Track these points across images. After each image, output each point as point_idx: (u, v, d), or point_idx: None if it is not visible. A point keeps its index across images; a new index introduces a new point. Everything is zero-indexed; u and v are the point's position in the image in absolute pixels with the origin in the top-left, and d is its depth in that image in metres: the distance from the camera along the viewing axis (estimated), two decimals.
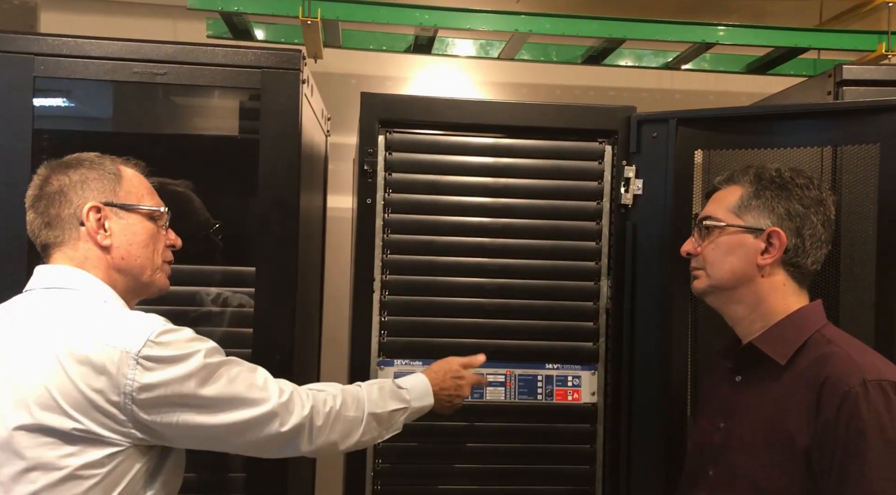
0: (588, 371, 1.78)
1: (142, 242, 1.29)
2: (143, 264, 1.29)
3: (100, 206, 1.24)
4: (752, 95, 2.35)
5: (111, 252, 1.25)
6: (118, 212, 1.27)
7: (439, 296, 1.75)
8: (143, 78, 1.57)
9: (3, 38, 1.52)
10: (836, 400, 1.19)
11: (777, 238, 1.32)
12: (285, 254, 1.60)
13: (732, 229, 1.36)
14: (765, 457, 1.27)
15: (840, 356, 1.23)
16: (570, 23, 2.27)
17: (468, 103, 1.78)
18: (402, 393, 1.48)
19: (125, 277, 1.27)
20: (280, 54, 1.60)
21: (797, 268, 1.35)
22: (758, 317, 1.35)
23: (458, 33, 2.47)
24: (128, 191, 1.29)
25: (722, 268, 1.37)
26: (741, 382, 1.38)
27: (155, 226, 1.32)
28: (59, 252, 1.24)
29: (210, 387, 1.17)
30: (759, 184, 1.36)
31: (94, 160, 1.29)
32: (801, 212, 1.33)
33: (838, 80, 1.72)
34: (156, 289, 1.34)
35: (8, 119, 1.52)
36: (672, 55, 2.58)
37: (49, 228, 1.24)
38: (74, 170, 1.26)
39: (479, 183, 1.77)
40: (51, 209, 1.24)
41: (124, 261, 1.27)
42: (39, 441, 1.08)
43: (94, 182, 1.26)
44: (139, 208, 1.29)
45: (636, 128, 1.74)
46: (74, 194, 1.24)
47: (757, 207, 1.35)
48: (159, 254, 1.33)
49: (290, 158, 1.60)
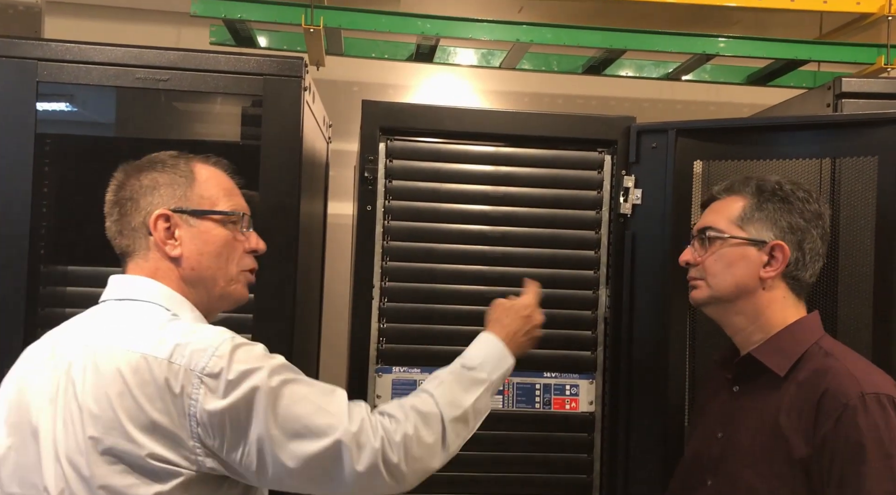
0: (586, 380, 1.79)
1: (214, 251, 1.19)
2: (215, 275, 1.19)
3: (168, 214, 1.16)
4: (752, 107, 2.36)
5: (181, 263, 1.16)
6: (188, 218, 1.17)
7: (438, 304, 1.75)
8: (145, 84, 1.57)
9: (8, 44, 1.53)
10: (835, 413, 1.19)
11: (781, 251, 1.33)
12: (286, 260, 1.60)
13: (735, 241, 1.36)
14: (764, 468, 1.27)
15: (839, 369, 1.24)
16: (572, 33, 2.29)
17: (469, 112, 1.79)
18: (476, 374, 1.28)
19: (196, 290, 1.18)
20: (282, 61, 1.61)
21: (796, 281, 1.35)
22: (757, 329, 1.35)
23: (459, 42, 2.48)
24: (200, 195, 1.19)
25: (724, 279, 1.36)
26: (739, 393, 1.38)
27: (230, 233, 1.21)
28: (132, 261, 1.17)
29: (270, 410, 1.04)
30: (761, 196, 1.36)
31: (167, 161, 1.21)
32: (803, 226, 1.34)
33: (838, 92, 1.72)
34: (233, 302, 1.24)
35: (11, 124, 1.53)
36: (673, 66, 2.59)
37: (122, 236, 1.17)
38: (146, 174, 1.18)
39: (479, 191, 1.77)
40: (124, 217, 1.17)
41: (194, 271, 1.17)
42: (109, 469, 1.00)
43: (164, 187, 1.17)
44: (211, 213, 1.19)
45: (636, 139, 1.75)
46: (144, 200, 1.16)
47: (760, 220, 1.35)
48: (235, 263, 1.22)
49: (292, 165, 1.61)
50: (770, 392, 1.30)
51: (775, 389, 1.30)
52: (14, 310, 1.52)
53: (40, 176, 1.55)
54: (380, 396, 1.72)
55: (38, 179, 1.54)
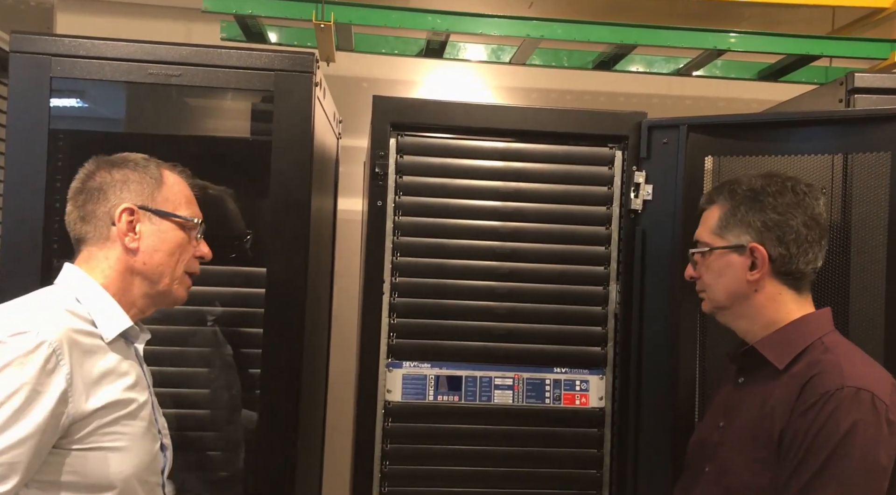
0: (596, 375, 1.79)
1: (168, 250, 1.28)
2: (163, 272, 1.29)
3: (133, 209, 1.25)
4: (763, 102, 2.35)
5: (135, 255, 1.26)
6: (151, 216, 1.27)
7: (448, 299, 1.75)
8: (157, 79, 1.58)
9: (22, 40, 1.54)
10: (811, 399, 1.22)
11: (758, 253, 1.33)
12: (296, 256, 1.61)
13: (719, 251, 1.39)
14: (749, 453, 1.29)
15: (830, 362, 1.26)
16: (582, 28, 2.28)
17: (479, 107, 1.79)
18: None
19: (141, 282, 1.27)
20: (293, 57, 1.61)
21: (790, 276, 1.35)
22: (760, 329, 1.37)
23: (469, 38, 2.48)
24: (165, 198, 1.29)
25: (717, 290, 1.40)
26: (742, 384, 1.40)
27: (186, 236, 1.31)
28: (86, 248, 1.26)
29: None
30: (733, 200, 1.38)
31: (140, 162, 1.30)
32: (777, 220, 1.34)
33: (850, 87, 1.71)
34: (171, 300, 1.33)
35: (25, 119, 1.54)
36: (683, 61, 2.58)
37: (83, 223, 1.26)
38: (118, 169, 1.27)
39: (490, 186, 1.77)
40: (88, 204, 1.25)
41: (145, 266, 1.27)
42: None
43: (134, 184, 1.27)
44: (173, 216, 1.29)
45: (647, 134, 1.75)
46: (113, 193, 1.25)
47: (735, 225, 1.37)
48: (182, 265, 1.32)
49: (303, 160, 1.61)
50: (767, 384, 1.33)
51: (773, 381, 1.32)
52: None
53: (54, 171, 1.57)
54: (390, 391, 1.73)
55: (52, 174, 1.55)
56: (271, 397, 1.58)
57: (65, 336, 1.13)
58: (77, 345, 1.15)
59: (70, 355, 1.12)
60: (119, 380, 1.21)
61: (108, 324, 1.23)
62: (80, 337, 1.17)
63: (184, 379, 1.65)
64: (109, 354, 1.21)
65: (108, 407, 1.16)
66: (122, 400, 1.19)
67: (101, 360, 1.19)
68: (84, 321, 1.20)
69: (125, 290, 1.26)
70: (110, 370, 1.20)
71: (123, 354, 1.25)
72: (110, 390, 1.18)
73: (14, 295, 1.21)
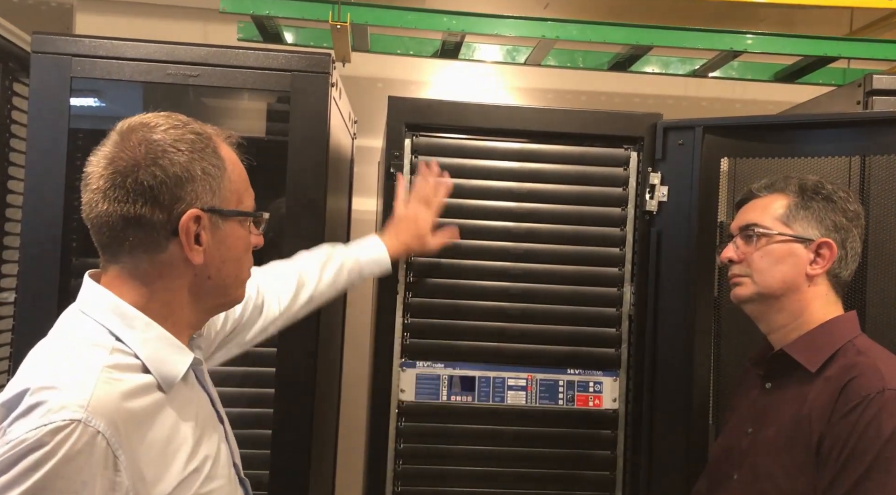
0: (610, 377, 1.78)
1: (236, 258, 1.02)
2: (231, 283, 1.03)
3: (201, 215, 0.95)
4: (779, 104, 2.34)
5: (198, 271, 0.98)
6: (217, 219, 0.98)
7: (462, 299, 1.76)
8: (176, 79, 1.60)
9: (43, 40, 1.56)
10: (853, 402, 1.20)
11: (829, 248, 1.34)
12: None
13: (782, 237, 1.37)
14: (786, 458, 1.28)
15: (867, 364, 1.24)
16: (597, 29, 2.28)
17: (494, 108, 1.79)
18: None
19: (201, 302, 1.01)
20: (310, 58, 1.62)
21: (837, 279, 1.37)
22: (797, 326, 1.36)
23: (485, 39, 2.48)
24: (230, 189, 0.99)
25: (773, 276, 1.37)
26: (771, 389, 1.38)
27: (248, 233, 1.04)
28: (126, 259, 0.96)
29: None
30: (804, 194, 1.38)
31: (195, 142, 0.96)
32: (846, 225, 1.35)
33: (868, 89, 1.70)
34: (231, 306, 1.11)
35: (46, 118, 1.56)
36: (699, 63, 2.57)
37: (124, 228, 0.94)
38: (172, 155, 0.94)
39: (504, 187, 1.77)
40: (133, 205, 0.92)
41: (211, 281, 0.99)
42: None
43: (199, 179, 0.95)
44: (240, 214, 1.01)
45: (662, 135, 1.74)
46: (169, 193, 0.93)
47: (805, 218, 1.36)
48: (248, 266, 1.07)
49: (319, 160, 1.62)
50: (800, 387, 1.31)
51: (806, 385, 1.30)
52: (47, 302, 1.55)
53: (73, 170, 1.58)
54: (403, 390, 1.73)
55: (71, 173, 1.57)
56: (286, 396, 1.59)
57: (116, 412, 0.86)
58: (133, 416, 0.89)
59: (127, 437, 0.87)
60: (188, 442, 0.96)
61: (166, 368, 0.95)
62: (133, 401, 0.90)
63: None
64: (169, 407, 0.95)
65: (182, 484, 0.94)
66: (196, 470, 0.97)
67: (164, 422, 0.94)
68: (134, 371, 0.93)
69: (179, 312, 0.99)
70: (174, 431, 0.95)
71: (185, 395, 1.00)
72: (180, 461, 0.94)
73: (34, 292, 1.19)
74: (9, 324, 1.90)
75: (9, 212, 1.82)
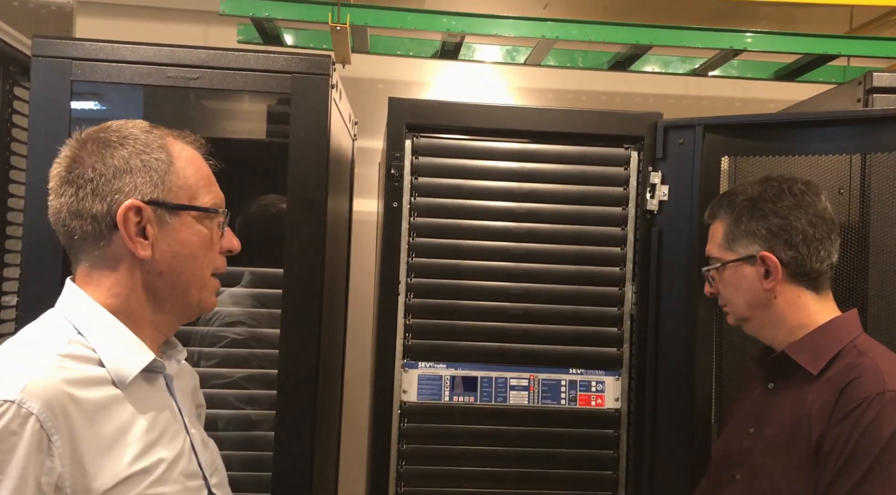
0: (612, 376, 1.78)
1: (190, 253, 1.01)
2: (188, 282, 1.02)
3: (141, 206, 0.97)
4: (780, 103, 2.33)
5: (149, 265, 0.99)
6: (164, 213, 0.99)
7: (464, 300, 1.76)
8: (177, 82, 1.60)
9: (44, 44, 1.56)
10: (853, 403, 1.20)
11: (769, 260, 1.33)
12: (313, 256, 1.62)
13: (731, 264, 1.39)
14: (785, 459, 1.28)
15: (868, 365, 1.24)
16: (597, 29, 2.28)
17: (494, 108, 1.80)
18: None
19: (159, 298, 1.02)
20: (310, 60, 1.62)
21: (806, 276, 1.35)
22: (790, 333, 1.36)
23: (484, 39, 2.48)
24: (180, 184, 1.01)
25: (737, 303, 1.40)
26: (773, 390, 1.38)
27: (208, 230, 1.04)
28: (85, 259, 1.01)
29: None
30: (733, 212, 1.39)
31: (140, 137, 1.00)
32: (781, 224, 1.34)
33: (868, 87, 1.70)
34: (198, 312, 1.08)
35: (47, 122, 1.55)
36: (699, 62, 2.57)
37: (74, 225, 0.98)
38: (114, 150, 0.98)
39: (505, 187, 1.78)
40: (79, 201, 0.97)
41: (163, 277, 1.00)
42: None
43: (138, 171, 0.98)
44: (191, 208, 1.02)
45: (663, 135, 1.74)
46: (110, 186, 0.97)
47: (741, 236, 1.37)
48: (209, 266, 1.05)
49: (320, 162, 1.62)
50: (802, 388, 1.31)
51: (807, 386, 1.30)
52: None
53: None
54: (406, 391, 1.74)
55: None
56: (288, 397, 1.59)
57: (56, 397, 0.87)
58: (78, 404, 0.89)
59: (66, 423, 0.87)
60: (139, 441, 0.96)
61: (121, 364, 0.97)
62: (82, 390, 0.91)
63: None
64: (125, 405, 0.96)
65: (126, 482, 0.92)
66: (143, 470, 0.95)
67: (115, 417, 0.94)
68: (88, 363, 0.95)
69: (140, 311, 1.01)
70: (125, 428, 0.95)
71: (145, 397, 1.00)
72: (126, 458, 0.93)
73: (35, 297, 1.20)
74: (11, 328, 1.90)
75: (10, 216, 1.82)
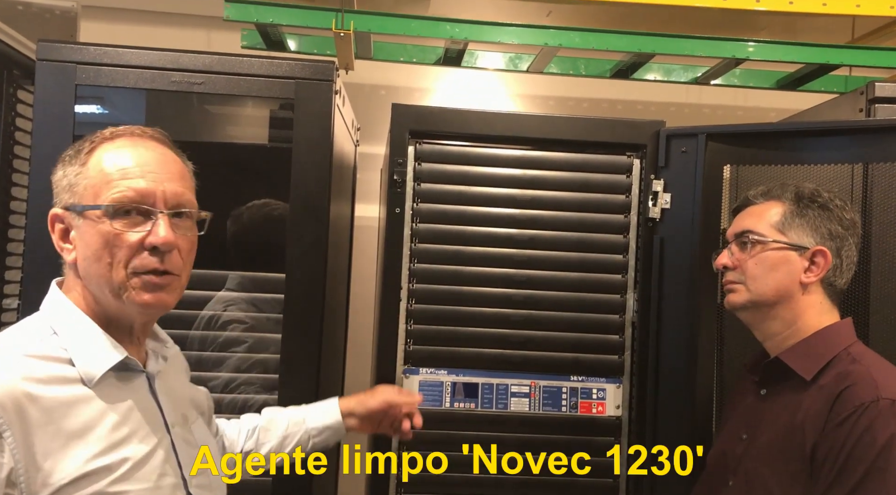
0: (613, 384, 1.78)
1: (94, 254, 0.99)
2: (101, 283, 0.99)
3: (59, 213, 1.02)
4: (782, 111, 2.34)
5: (78, 269, 1.01)
6: (74, 216, 1.01)
7: (465, 306, 1.76)
8: (180, 87, 1.60)
9: (48, 48, 1.57)
10: (848, 411, 1.20)
11: (823, 257, 1.34)
12: (315, 262, 1.62)
13: (777, 245, 1.37)
14: (779, 466, 1.28)
15: (860, 373, 1.24)
16: (600, 37, 2.28)
17: (497, 115, 1.80)
18: None
19: (97, 299, 1.02)
20: (314, 65, 1.63)
21: (832, 288, 1.37)
22: (791, 334, 1.36)
23: (487, 46, 2.49)
24: (85, 185, 1.00)
25: (767, 283, 1.37)
26: (766, 395, 1.39)
27: (108, 228, 0.98)
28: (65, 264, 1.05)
29: None
30: (800, 202, 1.38)
31: (76, 144, 1.04)
32: (841, 234, 1.35)
33: (870, 97, 1.70)
34: (136, 311, 1.02)
35: (51, 126, 1.56)
36: (701, 70, 2.58)
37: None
38: (59, 162, 1.04)
39: (507, 194, 1.78)
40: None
41: (87, 279, 1.01)
42: None
43: (62, 178, 1.03)
44: (86, 208, 0.99)
45: (665, 143, 1.74)
46: (55, 196, 1.04)
47: (800, 226, 1.36)
48: (121, 266, 0.99)
49: (322, 167, 1.62)
50: (795, 395, 1.31)
51: (800, 392, 1.30)
52: None
53: None
54: None
55: None
56: (290, 401, 1.59)
57: (10, 395, 0.89)
58: (36, 402, 0.91)
59: (20, 420, 0.89)
60: (104, 439, 0.96)
61: (90, 363, 0.98)
62: (44, 388, 0.92)
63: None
64: (94, 403, 0.96)
65: (85, 478, 0.92)
66: (105, 467, 0.94)
67: (79, 414, 0.95)
68: (57, 362, 0.96)
69: (100, 311, 1.02)
70: (89, 426, 0.95)
71: (117, 395, 1.00)
72: (86, 454, 0.93)
73: (37, 299, 1.22)
74: None
75: (13, 219, 1.82)
